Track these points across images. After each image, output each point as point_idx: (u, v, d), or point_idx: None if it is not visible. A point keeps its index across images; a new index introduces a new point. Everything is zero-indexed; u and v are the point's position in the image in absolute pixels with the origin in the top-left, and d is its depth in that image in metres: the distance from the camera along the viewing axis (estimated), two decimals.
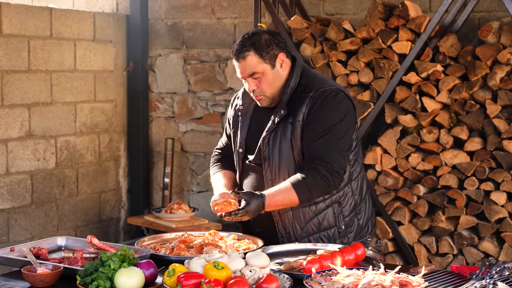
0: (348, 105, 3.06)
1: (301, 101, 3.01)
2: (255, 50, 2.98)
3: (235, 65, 3.05)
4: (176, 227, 5.20)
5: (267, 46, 3.00)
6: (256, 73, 3.00)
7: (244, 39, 3.01)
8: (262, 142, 3.07)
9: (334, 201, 3.09)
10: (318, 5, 5.53)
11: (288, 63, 3.07)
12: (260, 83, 3.02)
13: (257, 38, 3.00)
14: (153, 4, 6.11)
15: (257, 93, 3.05)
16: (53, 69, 5.40)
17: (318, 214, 3.08)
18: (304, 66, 3.16)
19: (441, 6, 4.57)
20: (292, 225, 3.09)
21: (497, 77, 4.45)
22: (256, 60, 2.99)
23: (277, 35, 3.07)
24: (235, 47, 3.03)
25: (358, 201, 3.16)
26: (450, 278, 2.57)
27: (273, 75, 3.03)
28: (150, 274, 2.47)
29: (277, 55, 3.03)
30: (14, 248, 2.81)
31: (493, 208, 4.47)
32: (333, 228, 3.10)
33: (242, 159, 3.20)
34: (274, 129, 3.05)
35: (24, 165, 5.22)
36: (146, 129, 6.19)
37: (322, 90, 3.01)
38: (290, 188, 2.93)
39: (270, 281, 2.34)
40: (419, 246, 4.68)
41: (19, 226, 5.22)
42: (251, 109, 3.20)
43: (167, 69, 6.12)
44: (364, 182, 3.21)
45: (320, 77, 3.17)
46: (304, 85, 3.05)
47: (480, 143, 4.52)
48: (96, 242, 2.80)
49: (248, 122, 3.20)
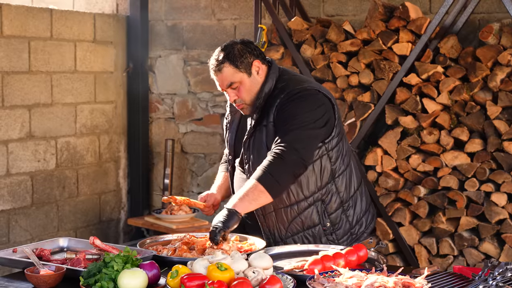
0: (322, 100, 3.07)
1: (272, 104, 3.07)
2: (229, 61, 3.05)
3: (214, 79, 3.13)
4: (177, 228, 5.20)
5: (240, 55, 3.06)
6: (233, 83, 3.06)
7: (218, 53, 3.09)
8: (243, 147, 3.14)
9: (316, 199, 3.11)
10: (318, 6, 5.53)
11: (264, 69, 3.12)
12: (239, 92, 3.08)
13: (230, 49, 3.07)
14: (153, 5, 6.11)
15: (239, 102, 3.12)
16: (54, 70, 5.40)
17: (300, 213, 3.11)
18: (283, 69, 3.20)
19: (442, 8, 4.57)
20: (276, 226, 3.13)
21: (498, 78, 4.46)
22: (232, 71, 3.06)
23: (250, 44, 3.13)
24: (210, 61, 3.11)
25: (346, 198, 3.17)
26: (453, 280, 2.57)
27: (251, 82, 3.08)
28: (153, 275, 2.47)
29: (251, 63, 3.08)
30: (16, 249, 2.81)
31: (494, 210, 4.48)
32: (317, 226, 3.12)
33: (232, 165, 3.28)
34: (252, 133, 3.11)
35: (25, 166, 5.22)
36: (146, 130, 6.19)
37: (290, 90, 3.05)
38: (256, 185, 2.90)
39: (273, 282, 2.34)
40: (420, 247, 4.69)
41: (20, 227, 5.22)
42: (238, 116, 3.28)
43: (167, 70, 6.13)
44: (353, 179, 3.20)
45: (298, 78, 3.20)
46: (279, 88, 3.10)
47: (481, 144, 4.52)
48: (99, 243, 2.80)
49: (235, 129, 3.28)
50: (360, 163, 4.73)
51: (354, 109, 4.80)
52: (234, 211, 2.86)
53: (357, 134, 4.79)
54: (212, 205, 3.33)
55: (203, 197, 3.34)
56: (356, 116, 4.80)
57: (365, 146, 4.92)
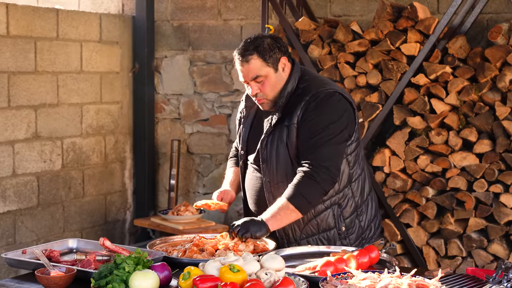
0: (345, 105, 3.08)
1: (296, 104, 3.05)
2: (258, 54, 3.04)
3: (238, 69, 3.12)
4: (183, 229, 5.18)
5: (270, 49, 3.05)
6: (259, 76, 3.05)
7: (247, 43, 3.07)
8: (260, 144, 3.12)
9: (333, 203, 3.10)
10: (325, 6, 5.51)
11: (289, 67, 3.12)
12: (263, 87, 3.07)
13: (260, 42, 3.06)
14: (159, 5, 6.10)
15: (260, 96, 3.10)
16: (60, 70, 5.39)
17: (317, 216, 3.10)
18: (304, 69, 3.19)
19: (450, 8, 4.55)
20: (291, 227, 3.11)
21: (507, 79, 4.44)
22: (260, 64, 3.04)
23: (279, 39, 3.12)
24: (237, 51, 3.09)
25: (359, 203, 3.17)
26: (466, 282, 2.55)
27: (276, 78, 3.07)
28: (165, 277, 2.46)
29: (279, 59, 3.08)
30: (26, 251, 2.80)
31: (502, 211, 4.45)
32: (332, 229, 3.12)
33: (244, 161, 3.26)
34: (271, 132, 3.09)
35: (31, 167, 5.20)
36: (152, 131, 6.18)
37: (316, 92, 3.04)
38: (286, 204, 2.95)
39: (286, 284, 2.33)
40: (428, 249, 4.66)
41: (26, 228, 5.20)
42: (253, 111, 3.27)
43: (173, 71, 6.11)
44: (366, 183, 3.22)
45: (320, 79, 3.19)
46: (302, 88, 3.09)
47: (489, 145, 4.50)
48: (109, 244, 2.78)
49: (250, 124, 3.26)
50: (368, 164, 4.71)
51: (362, 110, 4.78)
52: (266, 225, 2.91)
53: (364, 134, 4.77)
54: (229, 203, 3.32)
55: (219, 195, 3.31)
56: (364, 116, 4.78)
57: (372, 147, 4.90)
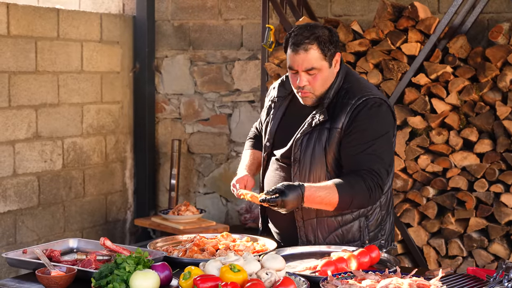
0: (388, 113, 2.93)
1: (341, 108, 2.86)
2: (319, 45, 2.83)
3: (289, 55, 2.86)
4: (184, 228, 5.19)
5: (329, 43, 2.85)
6: (314, 68, 2.84)
7: (305, 31, 2.84)
8: (294, 143, 2.93)
9: (361, 214, 2.96)
10: (326, 6, 5.51)
11: (339, 64, 2.94)
12: (313, 80, 2.86)
13: (320, 33, 2.84)
14: (160, 5, 6.10)
15: (307, 89, 2.89)
16: (60, 70, 5.39)
17: (343, 226, 2.95)
18: (348, 69, 3.01)
19: (451, 7, 4.56)
20: (315, 233, 2.96)
21: (507, 78, 4.44)
22: (318, 56, 2.84)
23: (335, 33, 2.91)
24: (294, 37, 2.84)
25: (384, 216, 3.04)
26: (467, 282, 2.55)
27: (328, 73, 2.89)
28: (165, 277, 2.45)
29: (335, 54, 2.89)
30: (26, 250, 2.79)
31: (503, 210, 4.45)
32: (356, 241, 2.97)
33: (268, 154, 3.08)
34: (309, 132, 2.90)
35: (31, 167, 5.20)
36: (153, 131, 6.18)
37: (365, 99, 2.86)
38: (333, 188, 2.76)
39: (287, 284, 2.32)
40: (428, 248, 4.66)
41: (26, 228, 5.20)
42: (285, 103, 3.06)
43: (173, 70, 6.11)
44: (391, 198, 3.08)
45: (363, 82, 3.01)
46: (346, 89, 2.91)
47: (490, 145, 4.50)
48: (109, 244, 2.77)
49: (280, 116, 3.06)
50: None
51: None
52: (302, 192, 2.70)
53: None
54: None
55: (242, 183, 3.05)
56: None
57: None
